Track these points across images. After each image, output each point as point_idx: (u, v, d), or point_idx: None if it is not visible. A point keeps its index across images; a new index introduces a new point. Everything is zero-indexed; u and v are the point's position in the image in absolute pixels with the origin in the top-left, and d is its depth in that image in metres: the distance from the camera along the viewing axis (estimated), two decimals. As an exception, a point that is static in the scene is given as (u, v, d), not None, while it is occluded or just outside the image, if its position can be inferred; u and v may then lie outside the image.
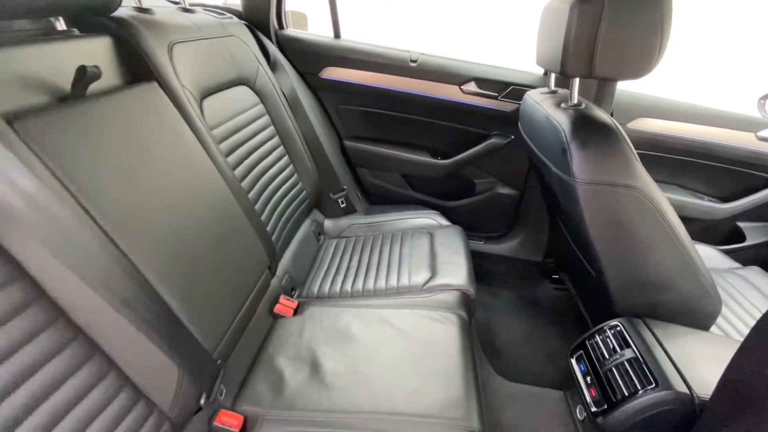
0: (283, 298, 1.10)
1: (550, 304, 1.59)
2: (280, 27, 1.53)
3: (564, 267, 1.45)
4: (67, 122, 0.62)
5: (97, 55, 0.79)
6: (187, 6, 1.14)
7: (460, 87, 1.46)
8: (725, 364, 0.58)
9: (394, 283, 1.15)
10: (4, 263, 0.50)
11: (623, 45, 0.72)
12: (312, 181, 1.39)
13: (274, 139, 1.26)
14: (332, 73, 1.51)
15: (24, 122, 0.57)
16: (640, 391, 0.77)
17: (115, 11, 0.81)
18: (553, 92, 1.06)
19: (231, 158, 1.02)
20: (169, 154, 0.78)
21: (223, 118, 1.04)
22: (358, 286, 1.16)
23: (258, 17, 1.44)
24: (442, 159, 1.59)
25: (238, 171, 1.04)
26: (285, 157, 1.30)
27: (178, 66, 0.91)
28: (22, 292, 0.51)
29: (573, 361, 0.97)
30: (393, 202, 1.66)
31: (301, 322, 1.03)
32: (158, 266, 0.67)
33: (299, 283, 1.22)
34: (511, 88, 1.43)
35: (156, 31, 0.89)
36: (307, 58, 1.50)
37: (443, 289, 1.11)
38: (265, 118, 1.24)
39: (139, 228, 0.67)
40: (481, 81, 1.45)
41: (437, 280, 1.13)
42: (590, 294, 1.15)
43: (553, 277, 1.64)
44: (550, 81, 1.11)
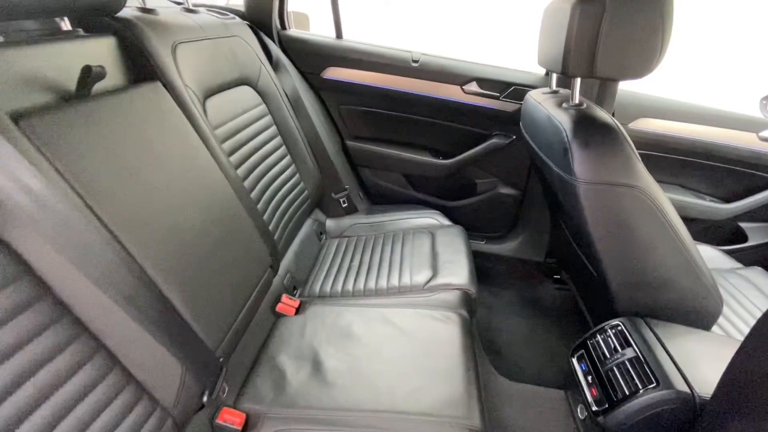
0: (285, 297, 1.11)
1: (551, 303, 1.59)
2: (283, 27, 1.54)
3: (565, 267, 1.45)
4: (72, 121, 0.63)
5: (102, 55, 0.79)
6: (191, 6, 1.15)
7: (462, 87, 1.46)
8: (726, 363, 0.58)
9: (395, 282, 1.15)
10: (10, 260, 0.50)
11: (624, 45, 0.72)
12: (314, 181, 1.39)
13: (277, 139, 1.26)
14: (334, 73, 1.51)
15: (30, 121, 0.57)
16: (641, 391, 0.77)
17: (119, 11, 0.82)
18: (554, 92, 1.06)
19: (233, 158, 1.03)
20: (172, 154, 0.79)
21: (226, 118, 1.05)
22: (360, 286, 1.17)
23: (260, 18, 1.44)
24: (444, 159, 1.59)
25: (240, 170, 1.04)
26: (287, 157, 1.30)
27: (182, 66, 0.92)
28: (28, 289, 0.51)
29: (574, 361, 0.97)
30: (394, 202, 1.66)
31: (303, 320, 1.04)
32: (161, 264, 0.68)
33: (301, 283, 1.23)
34: (513, 88, 1.43)
35: (160, 32, 0.89)
36: (309, 59, 1.51)
37: (444, 289, 1.12)
38: (268, 118, 1.25)
39: (143, 226, 0.67)
40: (482, 81, 1.45)
41: (438, 280, 1.14)
42: (591, 293, 1.15)
43: (554, 277, 1.64)
44: (552, 81, 1.11)
